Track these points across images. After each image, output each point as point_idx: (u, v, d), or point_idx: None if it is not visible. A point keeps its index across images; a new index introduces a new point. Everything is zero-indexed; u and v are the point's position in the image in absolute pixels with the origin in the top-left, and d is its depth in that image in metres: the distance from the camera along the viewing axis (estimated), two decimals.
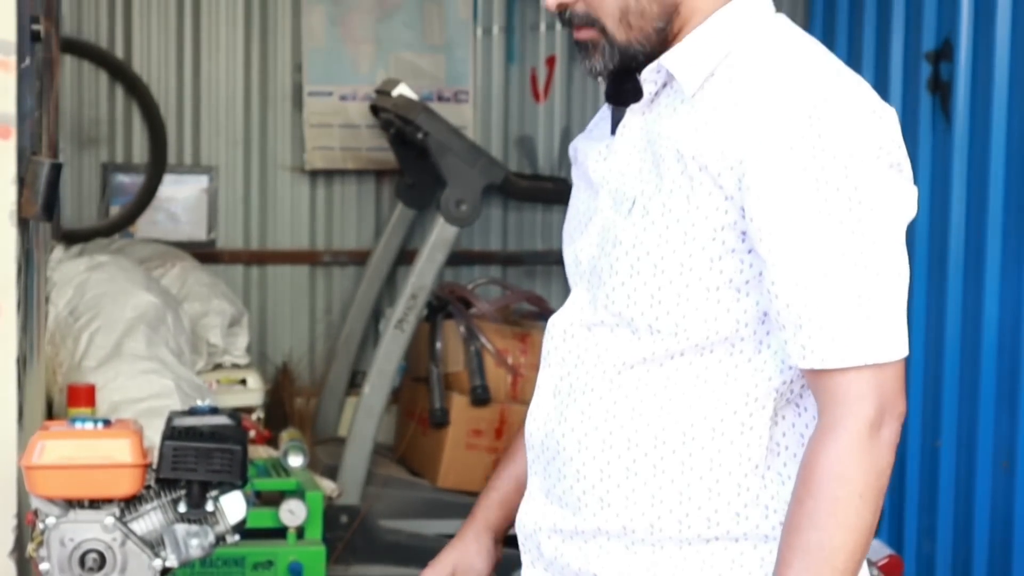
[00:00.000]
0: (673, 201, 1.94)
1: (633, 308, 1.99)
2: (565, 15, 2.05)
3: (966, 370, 5.21)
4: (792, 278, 1.87)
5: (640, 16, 1.99)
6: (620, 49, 2.01)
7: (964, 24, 5.24)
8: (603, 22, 2.01)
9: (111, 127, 6.37)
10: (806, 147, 1.86)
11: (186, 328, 5.14)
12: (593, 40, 2.04)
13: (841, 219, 1.85)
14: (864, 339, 1.86)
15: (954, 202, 5.29)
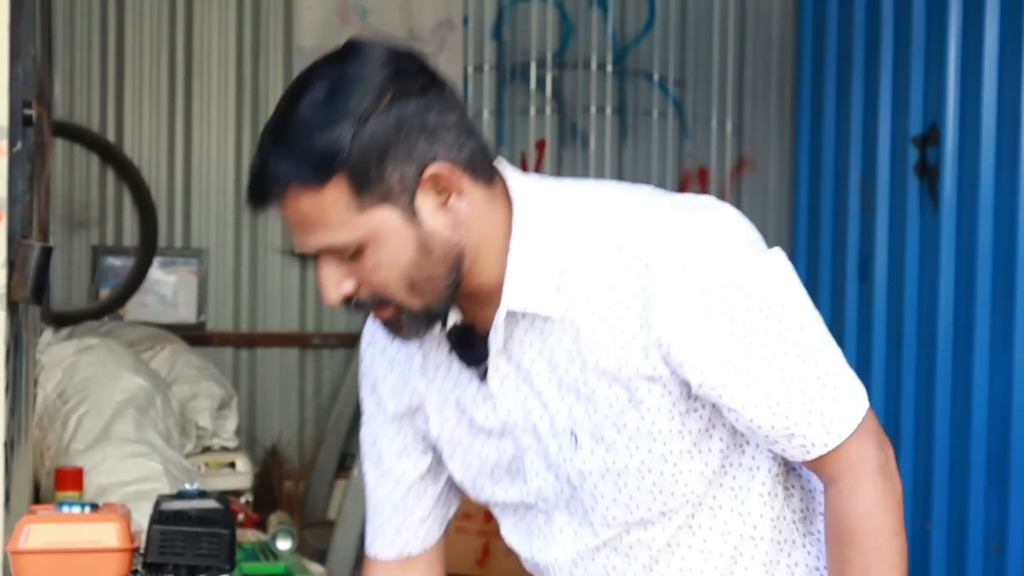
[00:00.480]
0: (623, 417, 1.97)
1: (637, 512, 2.04)
2: (354, 303, 1.94)
3: (956, 452, 5.21)
4: (764, 406, 1.94)
5: (429, 281, 1.92)
6: (423, 315, 1.94)
7: (950, 109, 5.27)
8: (394, 300, 1.92)
9: (102, 210, 6.39)
10: (698, 295, 1.90)
11: (175, 411, 5.13)
12: (392, 317, 1.95)
13: (766, 330, 1.92)
14: (843, 411, 1.96)
15: (942, 285, 5.30)
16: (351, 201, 1.85)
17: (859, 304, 5.89)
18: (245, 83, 6.51)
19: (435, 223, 1.90)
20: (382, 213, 1.87)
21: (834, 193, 6.10)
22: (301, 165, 1.84)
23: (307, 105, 1.86)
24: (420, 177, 1.87)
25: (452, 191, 1.89)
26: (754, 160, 6.95)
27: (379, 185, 1.86)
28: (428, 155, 1.87)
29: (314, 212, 1.86)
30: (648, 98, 6.89)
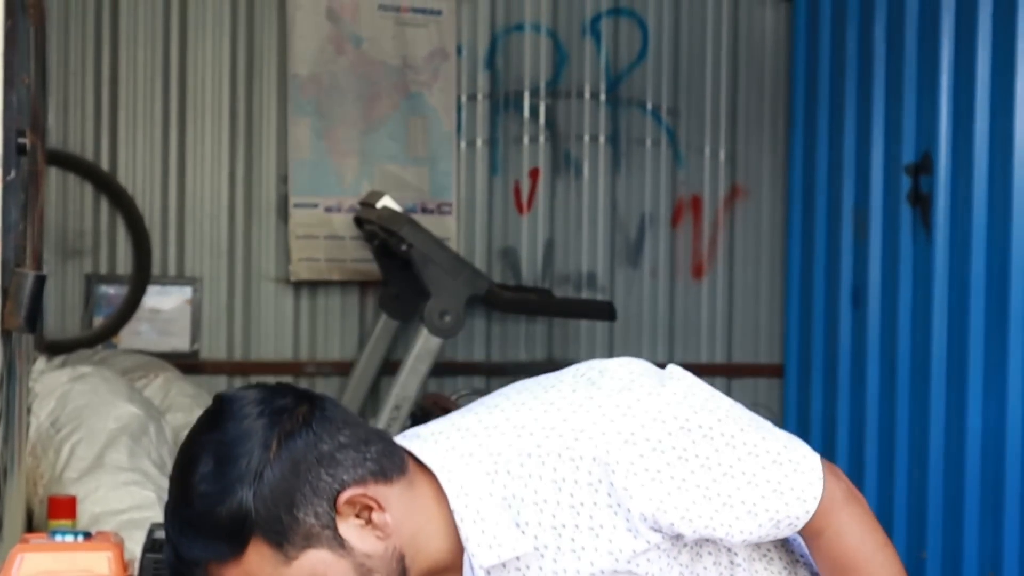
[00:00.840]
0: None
1: None
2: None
3: (950, 481, 5.21)
4: (744, 513, 1.98)
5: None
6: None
7: (943, 137, 5.29)
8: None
9: (95, 238, 6.39)
10: (651, 456, 1.92)
11: (168, 439, 5.12)
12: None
13: (716, 449, 1.96)
14: (806, 477, 2.01)
15: (935, 313, 5.31)
16: (276, 557, 1.84)
17: (852, 332, 5.90)
18: (239, 111, 6.52)
19: (365, 544, 1.88)
20: (312, 556, 1.85)
21: (827, 221, 6.12)
22: (213, 542, 1.83)
23: (199, 480, 1.84)
24: (335, 509, 1.85)
25: (371, 508, 1.88)
26: (747, 189, 6.96)
27: (297, 531, 1.84)
28: (334, 485, 1.86)
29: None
30: (641, 127, 6.90)
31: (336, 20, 6.54)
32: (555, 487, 1.92)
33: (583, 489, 1.91)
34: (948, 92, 5.30)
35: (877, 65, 5.75)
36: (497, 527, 1.92)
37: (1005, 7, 5.03)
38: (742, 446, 1.98)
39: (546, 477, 1.92)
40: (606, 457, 1.91)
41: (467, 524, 1.92)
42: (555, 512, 1.92)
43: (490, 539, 1.91)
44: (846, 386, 5.92)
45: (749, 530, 1.99)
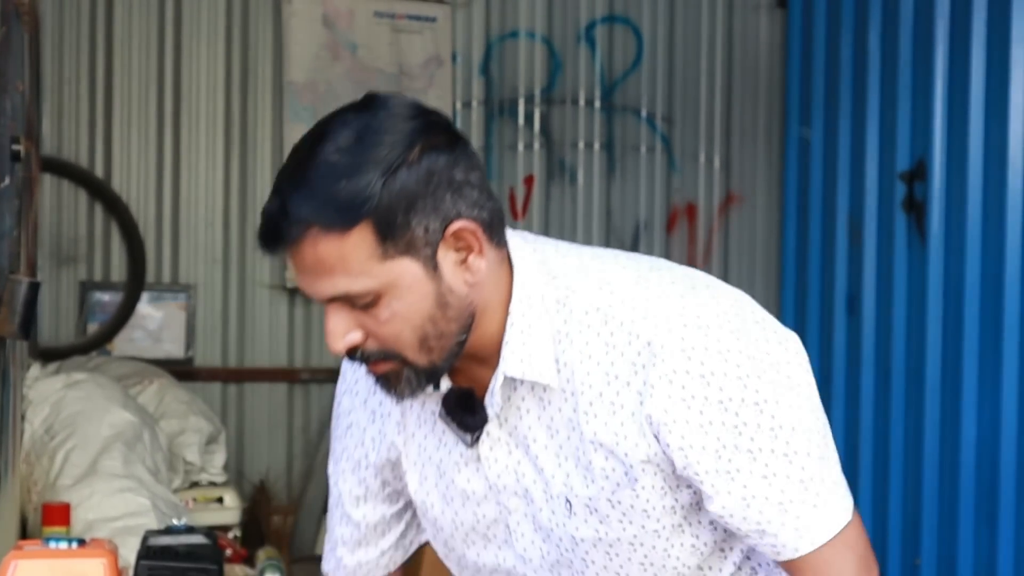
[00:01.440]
0: (618, 493, 1.96)
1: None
2: (357, 355, 1.91)
3: (945, 487, 5.21)
4: (739, 497, 1.92)
5: (440, 338, 1.90)
6: (425, 372, 1.92)
7: (937, 145, 5.30)
8: (402, 354, 1.90)
9: (90, 245, 6.38)
10: (696, 379, 1.88)
11: (163, 446, 5.12)
12: (392, 371, 1.92)
13: (759, 424, 1.90)
14: (822, 519, 1.93)
15: (930, 319, 5.31)
16: (374, 249, 1.84)
17: (847, 339, 5.90)
18: (234, 118, 6.51)
19: (454, 279, 1.89)
20: (404, 264, 1.86)
21: (822, 228, 6.12)
22: (325, 209, 1.82)
23: (332, 151, 1.84)
24: (444, 232, 1.86)
25: (472, 249, 1.89)
26: (742, 196, 6.97)
27: (404, 236, 1.84)
28: (453, 211, 1.86)
29: (333, 257, 1.84)
30: (636, 134, 6.91)
31: (331, 27, 6.55)
32: (604, 349, 1.92)
33: (625, 365, 1.90)
34: (942, 99, 5.31)
35: (871, 72, 5.75)
36: (537, 348, 1.93)
37: (999, 14, 5.04)
38: (785, 444, 1.91)
39: (602, 336, 1.92)
40: (659, 350, 1.88)
41: (514, 330, 1.93)
42: (591, 370, 1.92)
43: (524, 354, 1.93)
44: (840, 393, 5.91)
45: (731, 512, 1.92)
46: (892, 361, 5.56)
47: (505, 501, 2.04)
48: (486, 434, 2.00)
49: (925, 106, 5.40)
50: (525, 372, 1.93)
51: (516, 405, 1.98)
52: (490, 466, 2.02)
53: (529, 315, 1.94)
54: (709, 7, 6.96)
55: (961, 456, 5.10)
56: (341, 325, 1.89)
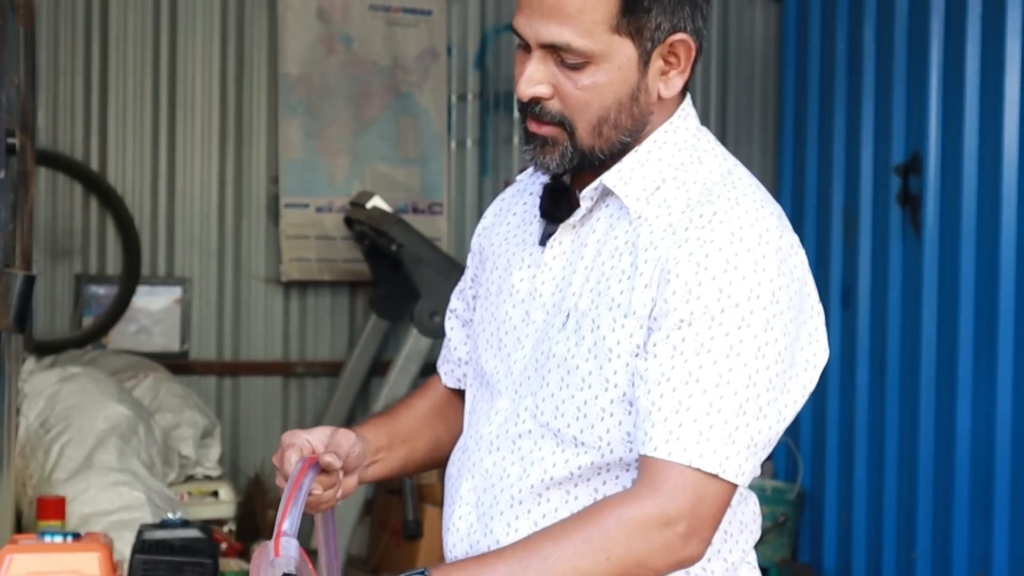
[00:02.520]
0: (602, 318, 1.99)
1: (560, 420, 2.02)
2: (535, 108, 2.01)
3: (940, 480, 5.22)
4: (662, 370, 1.92)
5: (614, 127, 2.00)
6: (582, 153, 2.02)
7: (932, 138, 5.30)
8: (575, 126, 2.00)
9: (85, 238, 6.38)
10: (718, 260, 1.92)
11: (158, 440, 5.12)
12: (554, 137, 2.02)
13: (727, 333, 1.91)
14: (698, 444, 1.89)
15: (925, 313, 5.32)
16: (612, 18, 1.94)
17: (842, 332, 5.90)
18: (229, 111, 6.51)
19: (653, 83, 2.00)
20: (626, 44, 1.96)
21: (817, 222, 6.12)
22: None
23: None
24: (667, 37, 1.98)
25: (678, 66, 2.02)
26: None
27: (640, 20, 1.95)
28: (682, 23, 1.98)
29: (574, 6, 1.93)
30: None
31: (326, 20, 6.54)
32: (683, 208, 1.99)
33: (682, 221, 1.97)
34: (937, 93, 5.31)
35: (867, 65, 5.75)
36: (641, 179, 2.02)
37: (994, 8, 5.04)
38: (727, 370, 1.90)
39: (690, 200, 1.99)
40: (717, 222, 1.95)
41: (635, 156, 2.03)
42: (661, 215, 2.00)
43: (628, 176, 2.02)
44: (835, 386, 5.92)
45: (645, 379, 1.92)
46: (887, 354, 5.56)
47: (532, 311, 2.09)
48: (558, 241, 2.08)
49: (920, 99, 5.40)
50: (618, 187, 2.02)
51: (592, 223, 2.05)
52: (543, 272, 2.08)
53: (654, 154, 2.04)
54: None
55: (956, 449, 5.11)
56: (539, 74, 1.99)
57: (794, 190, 6.34)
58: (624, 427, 1.98)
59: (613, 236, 2.03)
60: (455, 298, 2.32)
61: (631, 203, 2.01)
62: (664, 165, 2.03)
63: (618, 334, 1.97)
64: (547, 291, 2.08)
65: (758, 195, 2.02)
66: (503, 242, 2.19)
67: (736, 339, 1.91)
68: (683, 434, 1.89)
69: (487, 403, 2.13)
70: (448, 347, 2.33)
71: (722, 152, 2.10)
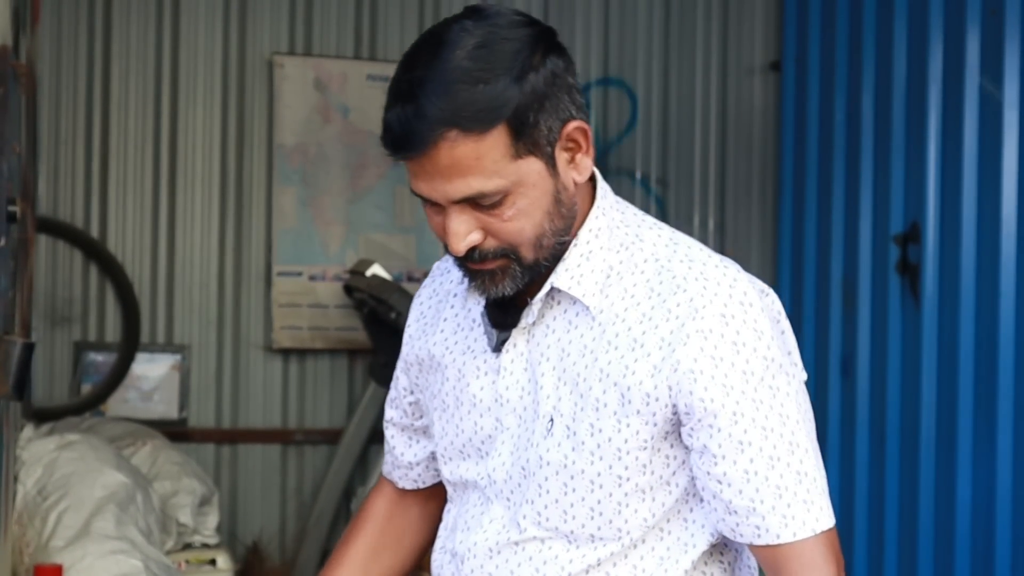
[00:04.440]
0: (602, 421, 2.02)
1: (572, 523, 2.05)
2: (472, 254, 2.01)
3: (941, 549, 5.20)
4: (742, 469, 1.98)
5: (552, 235, 2.02)
6: (530, 268, 2.02)
7: (931, 207, 5.32)
8: (518, 251, 2.01)
9: (84, 306, 6.38)
10: (729, 344, 1.97)
11: (156, 507, 5.10)
12: (504, 267, 2.02)
13: (771, 407, 1.99)
14: (809, 514, 2.00)
15: (924, 382, 5.31)
16: (508, 149, 1.95)
17: (841, 401, 5.90)
18: (229, 180, 6.53)
19: (566, 177, 2.01)
20: (531, 163, 1.97)
21: (816, 290, 6.13)
22: (466, 111, 1.91)
23: (463, 57, 1.93)
24: (561, 132, 1.99)
25: (581, 148, 2.02)
26: (736, 258, 6.95)
27: (532, 136, 1.96)
28: (568, 112, 1.99)
29: (469, 159, 1.93)
30: (631, 196, 6.92)
31: (323, 90, 6.57)
32: (648, 293, 2.02)
33: (662, 310, 2.00)
34: (936, 162, 5.33)
35: (865, 135, 5.78)
36: (589, 272, 2.04)
37: (992, 78, 5.07)
38: (791, 434, 1.99)
39: (651, 283, 2.02)
40: (700, 308, 1.98)
41: (576, 251, 2.04)
42: (629, 306, 2.02)
43: (577, 273, 2.04)
44: (835, 455, 5.91)
45: (731, 481, 1.98)
46: (887, 424, 5.55)
47: (503, 417, 2.10)
48: (512, 345, 2.09)
49: (919, 169, 5.42)
50: (572, 287, 2.03)
51: (547, 323, 2.07)
52: (504, 378, 2.09)
53: (594, 244, 2.05)
54: (703, 70, 7.00)
55: (956, 519, 5.09)
56: (464, 226, 1.98)
57: (793, 259, 6.35)
58: (640, 514, 2.04)
59: (578, 335, 2.05)
60: (390, 408, 2.36)
61: (590, 301, 2.03)
62: (607, 252, 2.05)
63: (624, 433, 2.00)
64: (514, 396, 2.09)
65: (705, 256, 2.06)
66: (446, 352, 2.19)
67: (779, 405, 1.99)
68: (795, 512, 1.99)
69: (477, 509, 2.15)
70: (394, 454, 2.36)
71: (650, 220, 2.13)
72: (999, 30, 4.99)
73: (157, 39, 6.48)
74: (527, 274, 2.02)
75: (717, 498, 2.01)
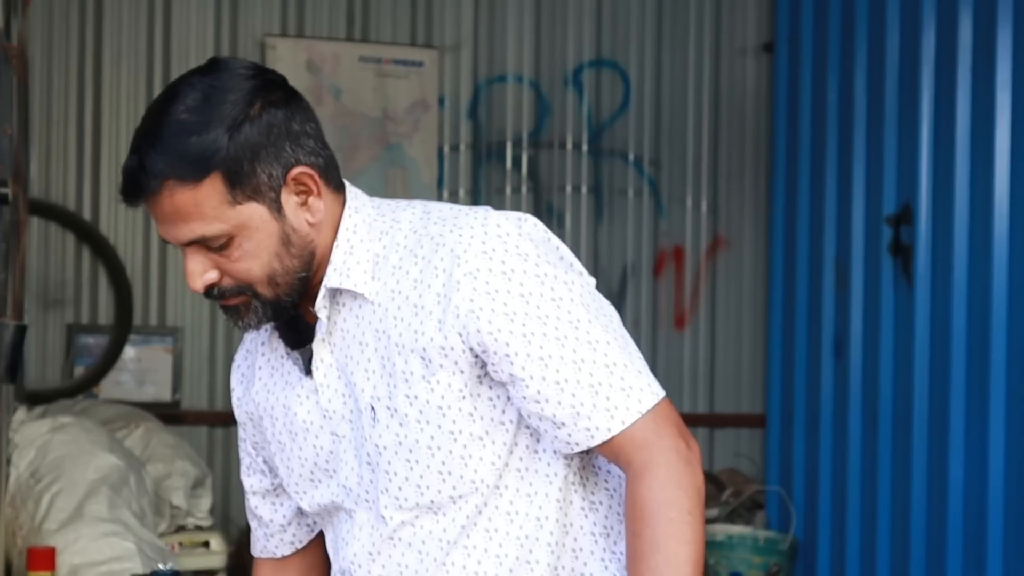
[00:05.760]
0: (414, 389, 2.09)
1: (428, 492, 2.11)
2: (213, 292, 2.12)
3: (933, 530, 5.21)
4: (553, 382, 2.04)
5: (285, 273, 2.11)
6: (271, 304, 2.12)
7: (923, 189, 5.32)
8: (254, 288, 2.11)
9: (77, 288, 6.38)
10: (499, 276, 2.05)
11: (149, 490, 5.10)
12: (245, 303, 2.13)
13: (559, 316, 2.06)
14: (630, 399, 2.05)
15: (917, 363, 5.32)
16: (224, 196, 2.05)
17: (834, 382, 5.90)
18: None
19: (296, 219, 2.10)
20: (252, 208, 2.07)
21: (809, 272, 6.13)
22: (179, 163, 2.02)
23: (182, 111, 2.04)
24: (285, 177, 2.08)
25: (311, 192, 2.11)
26: (729, 239, 6.98)
27: (250, 183, 2.05)
28: (292, 158, 2.08)
29: (188, 205, 2.04)
30: (623, 177, 6.92)
31: (316, 72, 6.56)
32: (413, 260, 2.10)
33: (429, 270, 2.08)
34: (928, 143, 5.33)
35: (858, 116, 5.78)
36: (356, 264, 2.13)
37: (984, 59, 5.06)
38: (586, 334, 2.05)
39: (414, 251, 2.11)
40: (461, 253, 2.06)
41: (339, 251, 2.13)
42: (401, 279, 2.10)
43: (344, 268, 2.12)
44: (828, 436, 5.92)
45: (547, 396, 2.04)
46: (879, 404, 5.56)
47: (335, 428, 2.17)
48: (320, 361, 2.17)
49: (911, 150, 5.42)
50: (343, 282, 2.12)
51: (340, 326, 2.15)
52: (324, 393, 2.17)
53: (354, 239, 2.14)
54: (696, 51, 6.99)
55: (949, 498, 5.10)
56: (199, 266, 2.10)
57: (786, 241, 6.36)
58: (486, 460, 2.10)
59: (367, 324, 2.13)
60: (247, 477, 2.40)
61: (364, 289, 2.12)
62: (369, 243, 2.15)
63: (438, 391, 2.08)
64: (338, 405, 2.17)
65: (455, 211, 2.15)
66: (268, 395, 2.27)
67: (567, 313, 2.05)
68: (617, 402, 2.04)
69: (346, 524, 2.21)
70: (264, 524, 2.40)
71: (404, 203, 2.22)
72: (992, 11, 4.98)
73: (149, 20, 6.47)
74: (270, 309, 2.12)
75: (543, 419, 2.06)
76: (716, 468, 6.76)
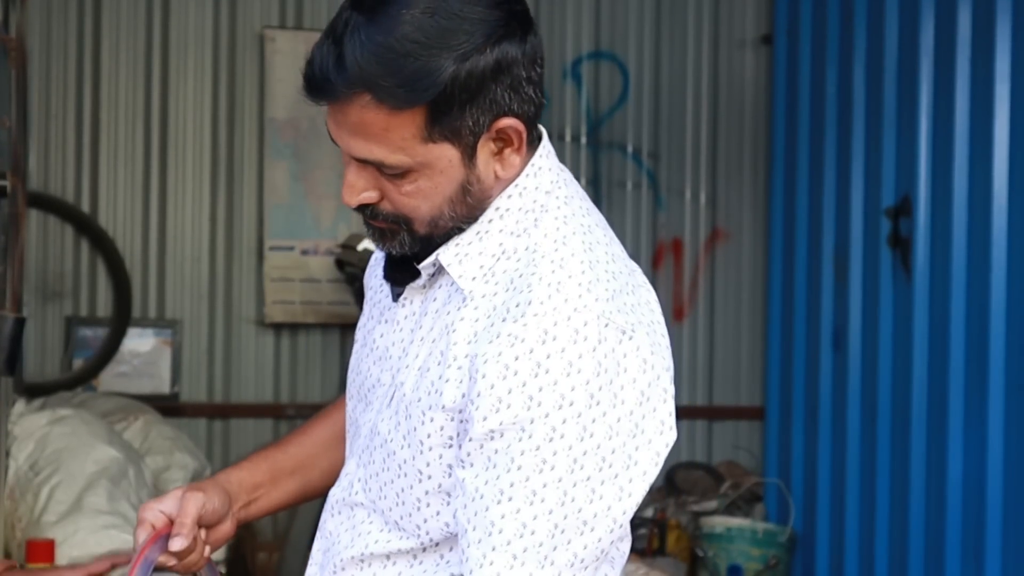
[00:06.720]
0: (415, 408, 1.90)
1: (383, 502, 1.98)
2: (366, 210, 1.92)
3: (931, 524, 5.21)
4: (475, 484, 1.81)
5: (449, 219, 1.90)
6: (421, 241, 1.92)
7: (923, 180, 5.31)
8: (410, 223, 1.90)
9: (76, 280, 6.38)
10: (528, 365, 1.78)
11: (148, 482, 5.10)
12: (392, 230, 1.93)
13: (538, 448, 1.78)
14: (512, 569, 1.78)
15: (916, 355, 5.32)
16: (420, 131, 1.82)
17: (833, 374, 5.90)
18: (220, 154, 6.52)
19: (486, 170, 1.88)
20: (444, 149, 1.84)
21: (807, 264, 6.13)
22: (387, 80, 1.78)
23: (409, 22, 1.78)
24: (491, 125, 1.85)
25: (512, 144, 1.88)
26: (728, 231, 6.98)
27: (452, 124, 1.82)
28: (506, 107, 1.84)
29: (376, 127, 1.82)
30: (622, 170, 6.92)
31: None
32: (507, 286, 1.86)
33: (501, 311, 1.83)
34: (927, 135, 5.33)
35: (857, 108, 5.77)
36: (476, 254, 1.89)
37: (983, 51, 5.06)
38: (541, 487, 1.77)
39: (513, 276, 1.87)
40: (528, 316, 1.80)
41: (473, 230, 1.91)
42: (487, 294, 1.87)
43: (463, 253, 1.90)
44: (827, 428, 5.92)
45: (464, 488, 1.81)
46: (878, 396, 5.56)
47: (383, 373, 2.02)
48: (408, 301, 1.99)
49: (910, 142, 5.41)
50: (452, 265, 1.91)
51: (434, 292, 1.95)
52: (394, 332, 2.00)
53: (495, 224, 1.91)
54: (695, 43, 6.99)
55: (947, 491, 5.10)
56: (360, 182, 1.89)
57: (784, 233, 6.35)
58: (443, 517, 1.91)
59: (446, 312, 1.92)
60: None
61: (464, 283, 1.89)
62: (505, 235, 1.90)
63: (428, 427, 1.88)
64: (395, 353, 1.99)
65: (588, 274, 1.86)
66: (379, 288, 2.10)
67: (548, 452, 1.76)
68: (496, 559, 1.77)
69: (347, 460, 2.10)
70: None
71: (571, 211, 1.95)
72: (990, 3, 4.98)
73: (148, 13, 6.46)
74: (418, 244, 1.91)
75: (446, 485, 1.88)
76: (715, 460, 6.77)
